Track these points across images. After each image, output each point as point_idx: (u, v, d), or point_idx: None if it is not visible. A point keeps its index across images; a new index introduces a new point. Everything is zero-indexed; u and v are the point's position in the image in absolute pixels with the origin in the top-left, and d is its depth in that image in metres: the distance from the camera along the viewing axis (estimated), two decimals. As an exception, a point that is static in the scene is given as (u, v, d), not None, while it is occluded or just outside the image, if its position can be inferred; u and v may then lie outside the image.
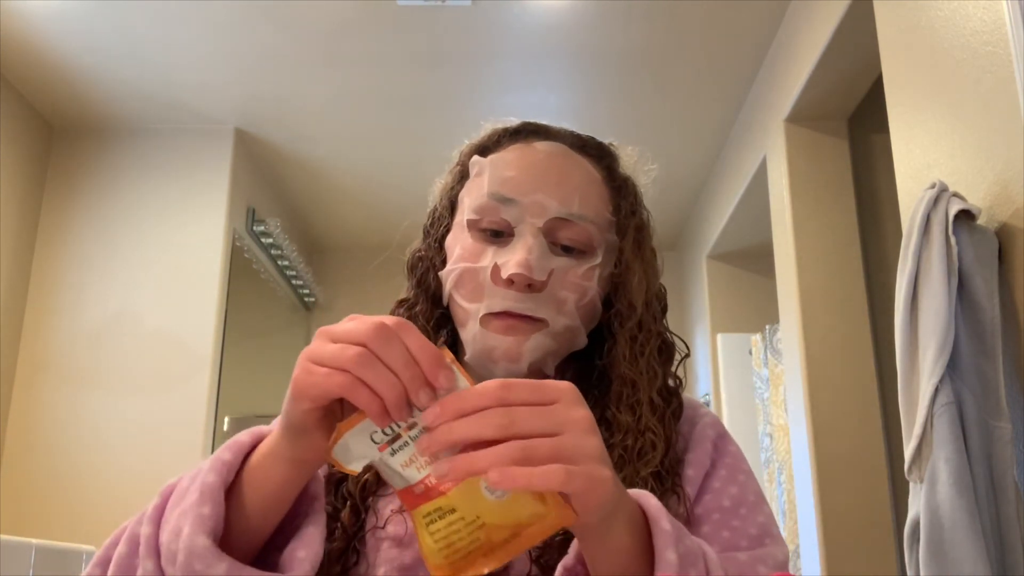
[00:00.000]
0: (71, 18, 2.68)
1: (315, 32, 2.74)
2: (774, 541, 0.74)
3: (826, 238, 2.59)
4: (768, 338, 3.04)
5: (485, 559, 0.55)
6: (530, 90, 3.09)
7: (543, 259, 0.77)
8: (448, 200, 0.87)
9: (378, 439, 0.57)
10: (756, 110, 3.00)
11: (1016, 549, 1.24)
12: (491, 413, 0.53)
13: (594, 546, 0.59)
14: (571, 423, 0.54)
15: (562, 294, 0.78)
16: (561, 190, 0.79)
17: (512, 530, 0.55)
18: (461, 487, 0.55)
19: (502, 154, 0.83)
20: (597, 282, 0.80)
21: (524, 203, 0.79)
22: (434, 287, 0.85)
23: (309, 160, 3.55)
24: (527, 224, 0.78)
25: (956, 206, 1.37)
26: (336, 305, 4.25)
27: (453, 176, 0.88)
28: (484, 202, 0.80)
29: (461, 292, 0.80)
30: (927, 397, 1.31)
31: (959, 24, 1.57)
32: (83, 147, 3.26)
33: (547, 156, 0.82)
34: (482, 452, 0.52)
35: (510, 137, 0.86)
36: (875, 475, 2.40)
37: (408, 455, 0.56)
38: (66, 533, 2.68)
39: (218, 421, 3.10)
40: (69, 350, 3.03)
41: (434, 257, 0.85)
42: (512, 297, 0.77)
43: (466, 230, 0.81)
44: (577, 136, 0.87)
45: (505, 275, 0.76)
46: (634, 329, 0.80)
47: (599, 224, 0.81)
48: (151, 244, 3.16)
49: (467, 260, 0.80)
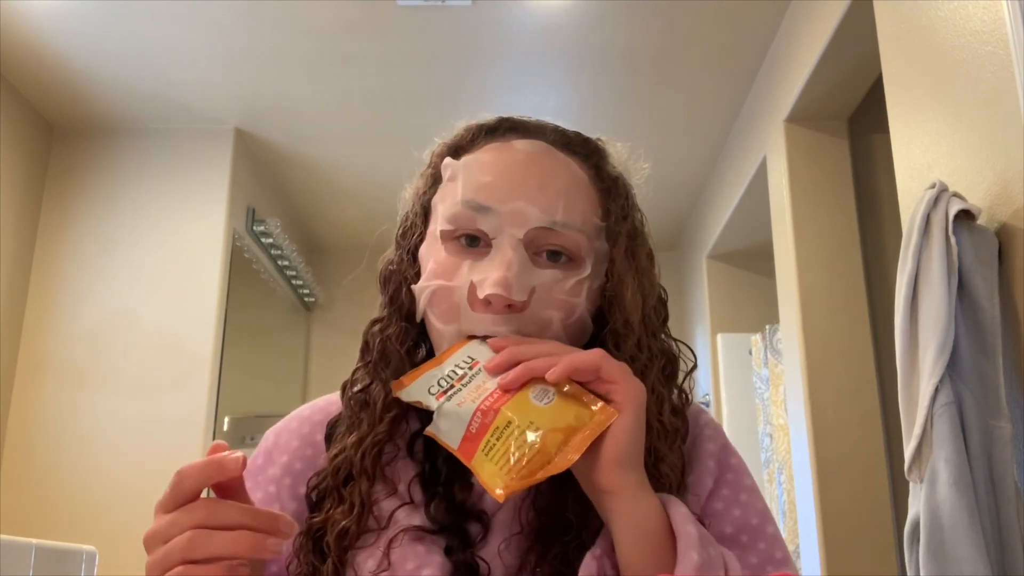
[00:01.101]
0: (71, 18, 2.68)
1: (315, 32, 2.74)
2: (776, 567, 0.73)
3: (826, 238, 2.59)
4: (768, 338, 3.04)
5: (543, 469, 0.60)
6: (530, 90, 3.09)
7: (523, 275, 0.69)
8: (420, 206, 0.79)
9: (434, 391, 0.67)
10: (756, 110, 3.00)
11: (1016, 549, 1.24)
12: (548, 344, 0.66)
13: (621, 523, 0.63)
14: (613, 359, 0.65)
15: (546, 313, 0.70)
16: (543, 196, 0.71)
17: (565, 433, 0.61)
18: (513, 403, 0.63)
19: (477, 155, 0.75)
20: (586, 296, 0.72)
21: (502, 212, 0.71)
22: (407, 303, 0.77)
23: (309, 160, 3.56)
24: (506, 236, 0.70)
25: (956, 206, 1.37)
26: (336, 305, 4.25)
27: (425, 180, 0.80)
28: (458, 211, 0.72)
29: (435, 312, 0.72)
30: (927, 397, 1.31)
31: (959, 24, 1.57)
32: (83, 147, 3.26)
33: (527, 157, 0.73)
34: (536, 360, 0.64)
35: (486, 135, 0.78)
36: (875, 475, 2.40)
37: (462, 396, 0.65)
38: (66, 533, 2.68)
39: (218, 421, 3.10)
40: (69, 350, 3.03)
41: (407, 270, 0.78)
42: (490, 321, 0.69)
43: (439, 241, 0.73)
44: (561, 132, 0.78)
45: (482, 295, 0.68)
46: (633, 350, 0.73)
47: (587, 232, 0.72)
48: (151, 244, 3.16)
49: (441, 277, 0.72)
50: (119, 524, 2.82)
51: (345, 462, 0.74)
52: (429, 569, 0.70)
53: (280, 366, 4.10)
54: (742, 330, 3.42)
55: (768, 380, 3.02)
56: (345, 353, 3.03)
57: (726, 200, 3.38)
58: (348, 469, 0.74)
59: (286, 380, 4.08)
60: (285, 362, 4.10)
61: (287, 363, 4.11)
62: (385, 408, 0.75)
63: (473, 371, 0.67)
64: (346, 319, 4.16)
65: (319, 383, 4.08)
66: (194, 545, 0.55)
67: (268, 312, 3.95)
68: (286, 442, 0.80)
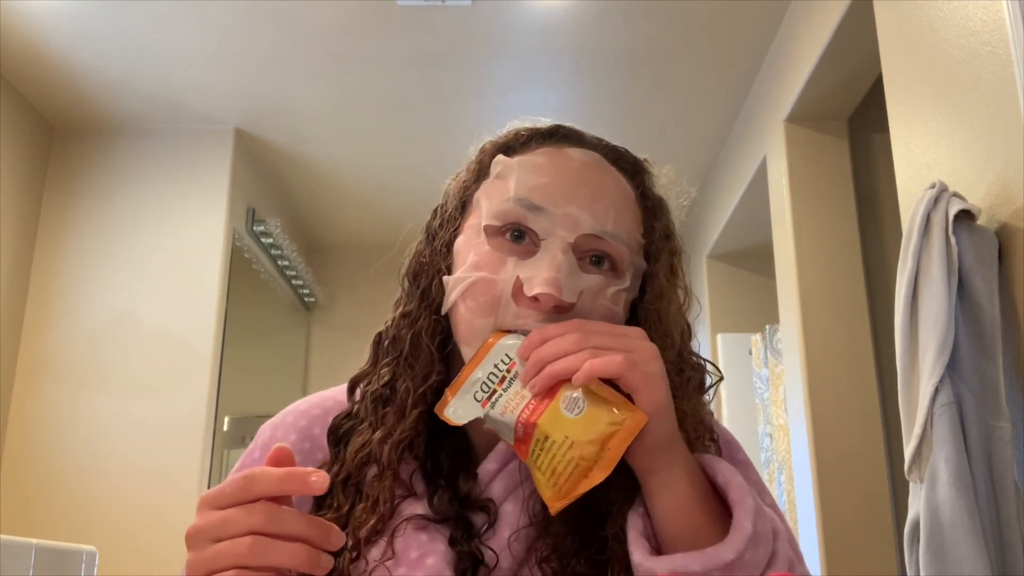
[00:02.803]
0: (71, 18, 2.68)
1: (315, 32, 2.74)
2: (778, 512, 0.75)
3: (826, 238, 2.59)
4: (768, 338, 3.04)
5: (586, 479, 0.64)
6: (530, 90, 3.09)
7: (572, 278, 0.70)
8: (460, 200, 0.78)
9: (479, 397, 0.68)
10: (756, 110, 3.00)
11: (1016, 549, 1.24)
12: (571, 335, 0.65)
13: (661, 497, 0.66)
14: (638, 346, 0.66)
15: (591, 318, 0.70)
16: (596, 205, 0.72)
17: (599, 444, 0.64)
18: (547, 416, 0.65)
19: (531, 157, 0.75)
20: (623, 307, 0.74)
21: (555, 214, 0.71)
22: (438, 296, 0.76)
23: (309, 160, 3.56)
24: (556, 238, 0.71)
25: (956, 206, 1.37)
26: (336, 305, 4.25)
27: (470, 174, 0.79)
28: (509, 207, 0.72)
29: (470, 304, 0.71)
30: (927, 397, 1.31)
31: (959, 24, 1.57)
32: (83, 147, 3.26)
33: (582, 165, 0.74)
34: (560, 360, 0.64)
35: (540, 139, 0.78)
36: (875, 475, 2.40)
37: (504, 403, 0.67)
38: (66, 533, 2.68)
39: (218, 421, 3.10)
40: (69, 350, 3.03)
41: (440, 262, 0.77)
42: (534, 318, 0.69)
43: (482, 235, 0.73)
44: (612, 148, 0.80)
45: (531, 292, 0.68)
46: (675, 364, 0.74)
47: (630, 246, 0.74)
48: (151, 244, 3.16)
49: (483, 269, 0.71)
50: (119, 524, 2.83)
51: (370, 458, 0.74)
52: (432, 558, 0.70)
53: (280, 366, 4.10)
54: (742, 330, 3.42)
55: (768, 380, 3.02)
56: (345, 353, 3.04)
57: (726, 200, 3.38)
58: (372, 465, 0.74)
59: (286, 380, 4.08)
60: (285, 362, 4.11)
61: (287, 363, 4.11)
62: (413, 405, 0.75)
63: (511, 373, 0.68)
64: (346, 319, 4.17)
65: (319, 383, 4.08)
66: (254, 552, 0.54)
67: (268, 312, 3.96)
68: (283, 436, 0.81)
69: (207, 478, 2.97)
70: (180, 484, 2.88)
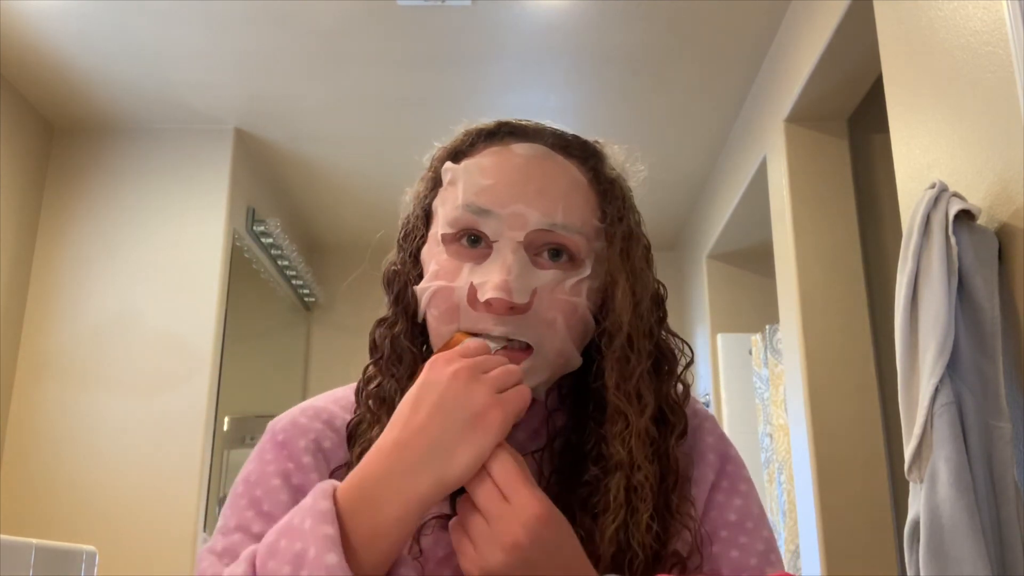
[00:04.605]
0: (71, 18, 2.68)
1: (315, 32, 2.74)
2: (779, 557, 0.75)
3: (826, 238, 2.59)
4: (768, 338, 3.04)
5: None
6: (530, 90, 3.09)
7: (524, 278, 0.70)
8: (422, 210, 0.80)
9: None
10: (756, 110, 3.00)
11: (1016, 549, 1.24)
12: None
13: None
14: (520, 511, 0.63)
15: (549, 314, 0.71)
16: (543, 199, 0.72)
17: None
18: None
19: (477, 159, 0.76)
20: (587, 296, 0.73)
21: (502, 215, 0.72)
22: (412, 303, 0.78)
23: (309, 160, 3.56)
24: (506, 239, 0.72)
25: (956, 206, 1.37)
26: (336, 305, 4.25)
27: (425, 184, 0.81)
28: (459, 214, 0.73)
29: (434, 312, 0.73)
30: (927, 397, 1.31)
31: (959, 24, 1.57)
32: (83, 147, 3.26)
33: (526, 161, 0.75)
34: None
35: (485, 139, 0.78)
36: (875, 475, 2.40)
37: None
38: (66, 533, 2.68)
39: (218, 421, 3.10)
40: (69, 350, 3.03)
41: (410, 271, 0.79)
42: (491, 320, 0.70)
43: (440, 244, 0.75)
44: (559, 135, 0.79)
45: (483, 298, 0.70)
46: (624, 348, 0.73)
47: (586, 233, 0.74)
48: (151, 244, 3.16)
49: (442, 278, 0.73)
50: (119, 524, 2.82)
51: None
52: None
53: (280, 366, 4.10)
54: (742, 330, 3.42)
55: (768, 380, 3.02)
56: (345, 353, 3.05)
57: (726, 200, 3.38)
58: None
59: (286, 380, 4.08)
60: (285, 362, 4.11)
61: (287, 363, 4.11)
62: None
63: None
64: (346, 319, 4.16)
65: (319, 383, 4.08)
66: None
67: (268, 312, 3.96)
68: (297, 435, 0.78)
69: (207, 478, 2.97)
70: (180, 484, 2.88)
